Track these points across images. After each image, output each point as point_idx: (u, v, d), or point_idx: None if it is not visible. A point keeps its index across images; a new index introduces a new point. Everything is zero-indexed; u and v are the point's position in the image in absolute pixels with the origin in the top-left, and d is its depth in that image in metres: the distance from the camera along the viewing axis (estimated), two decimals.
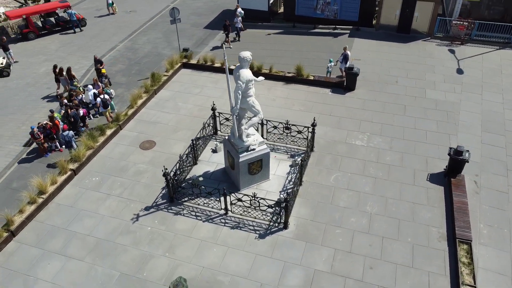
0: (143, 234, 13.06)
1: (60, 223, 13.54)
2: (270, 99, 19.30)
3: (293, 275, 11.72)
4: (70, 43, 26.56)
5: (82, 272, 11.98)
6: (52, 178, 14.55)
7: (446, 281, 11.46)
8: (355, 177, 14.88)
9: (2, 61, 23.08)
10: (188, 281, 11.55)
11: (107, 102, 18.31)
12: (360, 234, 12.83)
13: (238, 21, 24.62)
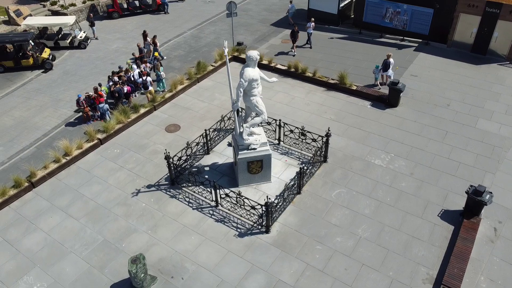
0: (136, 208, 13.89)
1: (73, 184, 14.99)
2: (305, 103, 18.94)
3: (255, 279, 11.58)
4: (145, 25, 28.70)
5: (73, 231, 13.19)
6: (79, 143, 16.12)
7: None
8: (359, 196, 14.05)
9: (82, 34, 25.87)
10: (157, 261, 12.11)
11: (148, 83, 19.64)
12: (340, 255, 12.16)
13: (310, 27, 23.68)
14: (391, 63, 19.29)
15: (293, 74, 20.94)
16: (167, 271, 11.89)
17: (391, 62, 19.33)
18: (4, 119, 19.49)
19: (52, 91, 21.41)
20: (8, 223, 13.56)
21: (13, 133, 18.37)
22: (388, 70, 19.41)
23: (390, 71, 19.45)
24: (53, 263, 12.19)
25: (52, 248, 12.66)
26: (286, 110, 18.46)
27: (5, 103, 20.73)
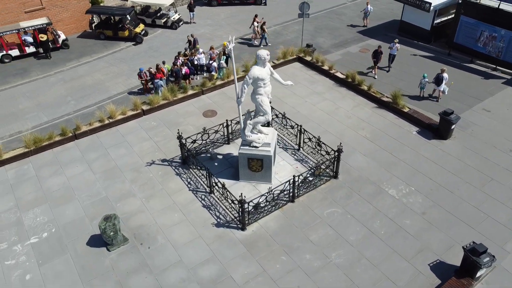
0: (143, 177, 15.16)
1: (106, 143, 16.93)
2: (347, 116, 18.14)
3: (209, 268, 11.87)
4: (237, 15, 30.08)
5: (87, 182, 15.01)
6: (123, 110, 18.06)
7: None
8: (352, 221, 13.20)
9: (176, 16, 28.29)
10: (137, 227, 13.20)
11: (212, 68, 20.84)
12: (300, 272, 11.71)
13: (394, 48, 21.27)
14: (444, 78, 17.45)
15: (349, 84, 20.11)
16: (140, 238, 12.88)
17: (445, 77, 17.53)
18: (87, 78, 22.62)
19: (132, 62, 24.05)
20: (45, 163, 16.02)
21: (87, 91, 21.27)
22: (440, 84, 17.60)
23: (444, 85, 17.67)
24: (60, 204, 14.13)
25: (65, 191, 14.65)
26: (323, 119, 17.94)
27: (94, 65, 23.98)
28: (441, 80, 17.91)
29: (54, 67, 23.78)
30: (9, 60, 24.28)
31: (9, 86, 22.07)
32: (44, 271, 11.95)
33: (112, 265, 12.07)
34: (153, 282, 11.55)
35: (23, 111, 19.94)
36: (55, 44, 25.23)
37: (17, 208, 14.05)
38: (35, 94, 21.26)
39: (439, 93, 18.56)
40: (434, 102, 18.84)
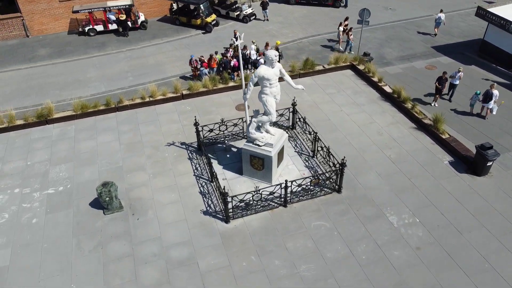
0: (159, 155, 16.18)
1: (140, 119, 18.33)
2: (378, 132, 17.18)
3: (181, 251, 12.39)
4: (310, 16, 29.84)
5: (110, 151, 16.49)
6: (164, 91, 19.33)
7: None
8: (336, 239, 12.66)
9: (249, 10, 29.03)
10: (135, 198, 14.24)
11: (258, 64, 21.20)
12: (263, 275, 11.65)
13: (456, 77, 18.87)
14: (494, 95, 15.58)
15: (393, 100, 18.95)
16: (134, 209, 13.89)
17: (495, 94, 15.69)
18: (150, 58, 24.51)
19: (194, 49, 25.38)
20: (85, 127, 17.93)
21: (146, 70, 23.09)
22: (489, 102, 15.76)
23: (492, 103, 15.83)
24: (81, 165, 15.79)
25: (90, 155, 16.30)
26: (352, 131, 17.23)
27: (161, 47, 25.84)
28: (490, 97, 16.01)
29: (127, 44, 26.17)
30: (94, 34, 27.30)
31: (85, 57, 24.90)
32: (48, 219, 13.57)
33: (101, 227, 13.25)
34: (128, 250, 12.44)
35: (89, 79, 22.39)
36: (135, 24, 27.67)
37: (48, 162, 16.05)
38: (103, 66, 23.68)
39: (487, 111, 16.63)
40: (481, 123, 16.89)
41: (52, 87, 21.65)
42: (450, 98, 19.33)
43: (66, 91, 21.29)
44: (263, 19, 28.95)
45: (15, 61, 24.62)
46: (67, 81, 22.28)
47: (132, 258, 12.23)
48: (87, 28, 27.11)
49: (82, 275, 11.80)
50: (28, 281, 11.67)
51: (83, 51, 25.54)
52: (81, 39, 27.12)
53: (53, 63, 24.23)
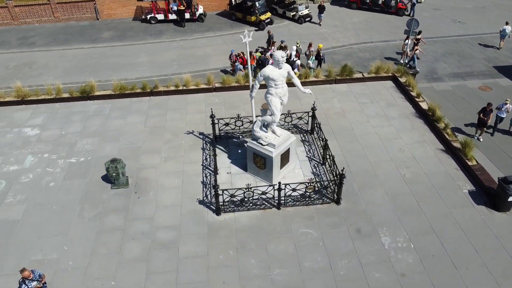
0: (176, 142, 16.89)
1: (170, 105, 19.23)
2: (400, 149, 16.31)
3: (167, 234, 12.91)
4: (369, 22, 28.88)
5: (133, 132, 17.53)
6: (197, 82, 20.07)
7: None
8: (320, 249, 12.36)
9: (305, 12, 28.86)
10: (142, 178, 15.09)
11: (294, 65, 21.19)
12: (235, 272, 11.78)
13: (503, 109, 17.16)
14: None
15: (427, 117, 17.81)
16: (138, 187, 14.73)
17: None
18: (199, 50, 25.52)
19: (241, 46, 25.78)
20: (119, 107, 19.28)
21: (191, 61, 24.13)
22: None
23: None
24: (106, 141, 17.04)
25: (116, 133, 17.52)
26: (372, 144, 16.56)
27: (211, 40, 26.76)
28: None
29: (182, 35, 27.48)
30: (154, 22, 29.04)
31: (141, 42, 26.62)
32: (63, 185, 14.93)
33: (105, 199, 14.27)
34: (121, 225, 13.29)
35: (138, 64, 23.95)
36: (193, 16, 28.92)
37: (79, 134, 17.56)
38: (154, 53, 25.16)
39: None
40: None
41: (105, 68, 23.50)
42: (494, 132, 17.66)
43: (116, 72, 23.00)
44: (317, 22, 28.58)
45: (81, 40, 27.08)
46: (120, 63, 24.03)
47: (122, 232, 13.05)
48: (149, 16, 28.91)
49: (76, 239, 12.86)
50: (31, 236, 12.99)
51: (141, 37, 27.31)
52: (142, 26, 29.00)
53: (112, 45, 26.25)
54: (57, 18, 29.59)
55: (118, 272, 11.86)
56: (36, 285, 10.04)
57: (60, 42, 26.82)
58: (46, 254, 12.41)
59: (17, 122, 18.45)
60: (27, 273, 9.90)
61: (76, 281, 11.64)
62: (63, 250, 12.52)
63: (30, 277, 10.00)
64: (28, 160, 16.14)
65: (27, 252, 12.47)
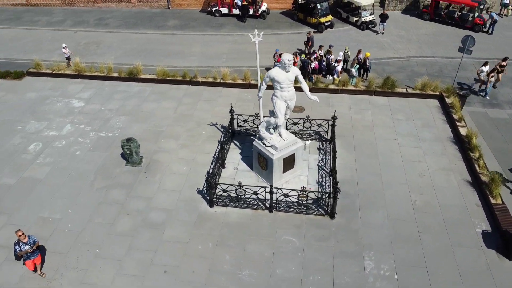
0: (196, 131, 17.48)
1: (204, 96, 19.88)
2: (420, 173, 15.21)
3: (159, 216, 13.54)
4: (438, 36, 26.91)
5: (164, 116, 18.47)
6: (234, 77, 20.47)
7: None
8: (297, 260, 12.10)
9: (369, 18, 27.72)
10: (154, 160, 15.94)
11: (333, 70, 20.67)
12: (206, 263, 12.03)
13: None
14: None
15: (463, 144, 16.29)
16: (149, 168, 15.59)
17: None
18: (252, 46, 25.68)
19: (296, 45, 25.70)
20: (157, 91, 20.42)
21: (240, 56, 24.54)
22: None
23: None
24: (135, 121, 18.22)
25: (146, 115, 18.62)
26: (392, 163, 15.66)
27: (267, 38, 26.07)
28: None
29: (240, 29, 28.05)
30: (218, 15, 30.01)
31: (200, 33, 27.71)
32: (86, 155, 16.32)
33: (116, 174, 15.34)
34: (121, 199, 14.21)
35: (191, 53, 25.01)
36: (255, 12, 29.33)
37: (115, 111, 18.98)
38: (208, 45, 26.06)
39: None
40: None
41: (159, 53, 24.92)
42: None
43: (168, 58, 24.25)
44: (379, 31, 27.29)
45: (147, 26, 28.97)
46: (174, 50, 25.31)
47: (120, 207, 13.97)
48: (214, 9, 29.95)
49: (80, 205, 14.06)
50: (46, 195, 14.46)
51: (201, 29, 28.43)
52: (206, 18, 30.14)
53: (173, 33, 27.70)
54: (134, 3, 31.95)
55: (104, 242, 12.76)
56: (27, 249, 10.95)
57: (129, 26, 28.97)
58: (52, 214, 13.76)
59: (69, 93, 20.47)
60: (20, 234, 10.83)
61: (67, 242, 12.76)
62: (67, 213, 13.78)
63: (25, 240, 10.96)
64: (66, 129, 17.88)
65: (37, 208, 13.94)
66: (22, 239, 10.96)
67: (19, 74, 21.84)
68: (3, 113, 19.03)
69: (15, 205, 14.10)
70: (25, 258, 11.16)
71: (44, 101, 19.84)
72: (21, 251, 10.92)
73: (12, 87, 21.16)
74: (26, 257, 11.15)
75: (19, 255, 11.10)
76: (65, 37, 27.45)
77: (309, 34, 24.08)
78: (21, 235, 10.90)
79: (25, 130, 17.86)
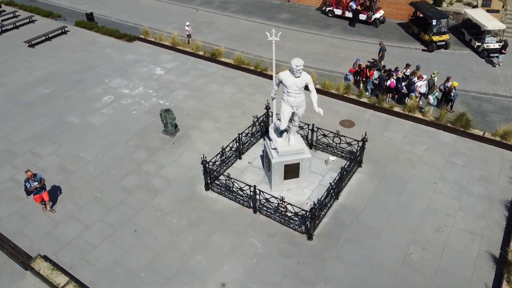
0: (238, 120, 18.04)
1: (265, 89, 20.17)
2: (437, 226, 13.11)
3: (159, 183, 14.80)
4: None
5: (219, 99, 19.52)
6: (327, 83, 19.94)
7: None
8: (248, 263, 11.97)
9: (493, 44, 23.73)
10: (185, 135, 17.15)
11: (413, 87, 18.64)
12: (166, 234, 12.78)
13: None
14: None
15: None
16: (178, 140, 16.90)
17: None
18: (344, 52, 24.75)
19: (391, 60, 23.68)
20: (227, 76, 21.50)
21: (328, 59, 23.86)
22: None
23: None
24: (193, 98, 19.70)
25: (204, 94, 19.92)
26: (414, 205, 13.84)
27: (364, 46, 25.35)
28: None
29: (343, 33, 27.06)
30: (331, 16, 29.42)
31: (304, 30, 27.62)
32: (139, 116, 18.48)
33: (149, 138, 17.05)
34: (141, 160, 15.84)
35: (282, 47, 25.20)
36: (368, 19, 27.86)
37: (183, 85, 20.79)
38: (303, 42, 25.95)
39: None
40: None
41: (254, 42, 25.84)
42: None
43: (259, 47, 25.02)
44: (495, 64, 23.15)
45: (260, 15, 30.12)
46: (269, 42, 25.83)
47: (137, 166, 15.63)
48: (327, 9, 29.46)
49: (109, 155, 16.19)
50: (92, 139, 17.03)
51: (307, 26, 28.35)
52: (318, 16, 29.83)
53: (278, 26, 28.15)
54: None
55: (107, 190, 14.59)
56: (36, 185, 12.93)
57: (244, 13, 30.58)
58: (86, 155, 16.22)
59: (158, 61, 23.10)
60: (29, 174, 12.81)
61: (82, 181, 14.98)
62: (96, 158, 16.07)
63: (33, 178, 12.87)
64: (137, 90, 20.42)
65: (79, 148, 16.57)
66: (30, 177, 12.77)
67: (131, 38, 25.45)
68: (103, 67, 22.63)
69: (66, 140, 17.00)
70: (34, 193, 13.09)
71: (136, 64, 22.85)
72: (31, 186, 12.86)
73: (121, 47, 24.84)
74: (36, 192, 13.07)
75: (29, 190, 13.01)
76: (187, 13, 30.60)
77: (381, 44, 22.16)
78: (30, 175, 12.73)
79: (109, 84, 20.99)
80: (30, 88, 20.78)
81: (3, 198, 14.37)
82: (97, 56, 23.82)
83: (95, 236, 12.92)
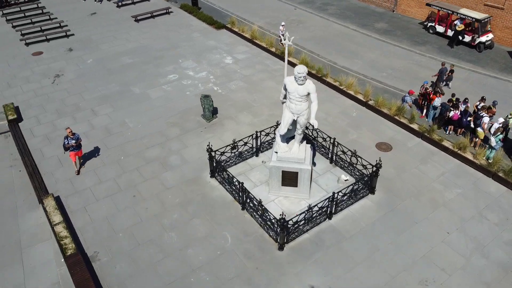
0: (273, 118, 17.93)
1: None
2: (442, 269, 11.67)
3: (175, 161, 15.94)
4: None
5: (266, 95, 19.80)
6: (356, 90, 19.25)
7: None
8: (212, 253, 12.38)
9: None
10: (221, 124, 17.94)
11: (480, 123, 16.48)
12: (158, 208, 13.81)
13: None
14: None
15: None
16: (211, 126, 17.81)
17: None
18: (422, 71, 22.45)
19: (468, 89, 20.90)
20: None
21: (402, 76, 22.05)
22: None
23: None
24: (242, 90, 20.34)
25: (254, 88, 20.39)
26: (408, 251, 12.54)
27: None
28: None
29: (436, 54, 24.42)
30: (432, 32, 26.85)
31: (394, 43, 25.74)
32: (190, 98, 19.83)
33: (189, 119, 18.27)
34: (172, 137, 17.19)
35: (361, 57, 24.06)
36: (472, 42, 24.77)
37: (243, 77, 21.55)
38: (386, 55, 24.28)
39: None
40: None
41: (334, 47, 25.17)
42: None
43: (340, 54, 24.23)
44: None
45: (354, 21, 28.94)
46: (349, 49, 24.95)
47: (165, 141, 17.02)
48: (429, 24, 26.99)
49: (148, 126, 17.87)
50: (142, 110, 18.94)
51: (400, 39, 26.31)
52: (418, 31, 27.46)
53: (369, 35, 26.80)
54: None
55: (131, 156, 16.27)
56: (73, 143, 14.69)
57: (341, 17, 29.70)
58: (131, 122, 18.22)
59: (232, 51, 24.27)
60: (69, 131, 14.60)
61: (116, 144, 16.92)
62: (137, 126, 17.94)
63: (71, 136, 14.65)
64: (201, 74, 21.88)
65: (129, 115, 18.65)
66: (70, 135, 14.57)
67: (220, 26, 27.08)
68: (184, 48, 24.67)
69: (122, 106, 19.28)
70: (70, 150, 14.94)
71: (212, 50, 24.35)
72: (68, 143, 14.74)
73: (208, 33, 26.64)
74: (72, 149, 14.93)
75: (66, 147, 14.85)
76: (285, 10, 31.09)
77: (443, 65, 19.74)
78: (69, 132, 14.55)
79: (180, 64, 22.88)
80: (118, 57, 23.82)
81: (55, 142, 17.06)
82: (184, 38, 26.00)
83: (102, 191, 14.65)
